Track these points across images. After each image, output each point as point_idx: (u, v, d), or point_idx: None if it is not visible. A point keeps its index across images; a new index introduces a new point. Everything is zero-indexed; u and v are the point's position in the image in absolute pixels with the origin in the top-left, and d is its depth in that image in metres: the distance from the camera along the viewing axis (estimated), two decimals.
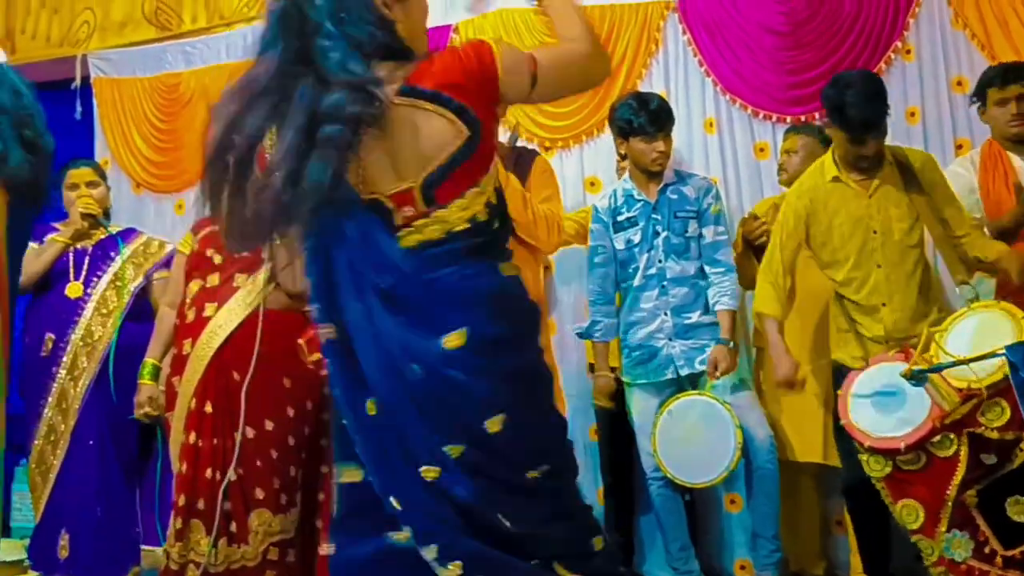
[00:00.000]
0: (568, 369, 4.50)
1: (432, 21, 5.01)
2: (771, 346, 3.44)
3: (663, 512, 3.78)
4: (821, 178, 3.41)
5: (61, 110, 5.66)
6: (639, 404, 3.79)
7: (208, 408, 3.19)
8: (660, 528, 3.86)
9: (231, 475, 3.14)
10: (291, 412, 3.22)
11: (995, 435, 2.70)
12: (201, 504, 3.13)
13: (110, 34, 5.81)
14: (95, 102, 5.65)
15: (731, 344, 3.67)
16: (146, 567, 3.88)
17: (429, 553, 1.83)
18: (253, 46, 1.96)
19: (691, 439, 3.60)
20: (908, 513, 2.83)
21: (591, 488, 4.39)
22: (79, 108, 5.65)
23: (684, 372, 3.72)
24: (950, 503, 2.76)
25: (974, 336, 2.80)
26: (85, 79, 5.68)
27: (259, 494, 3.14)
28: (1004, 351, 2.45)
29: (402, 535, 1.89)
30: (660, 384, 3.75)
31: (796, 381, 3.43)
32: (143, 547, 3.94)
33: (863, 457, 2.91)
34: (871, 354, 3.26)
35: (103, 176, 4.23)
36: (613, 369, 3.89)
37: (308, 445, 3.26)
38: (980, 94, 3.63)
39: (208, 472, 3.15)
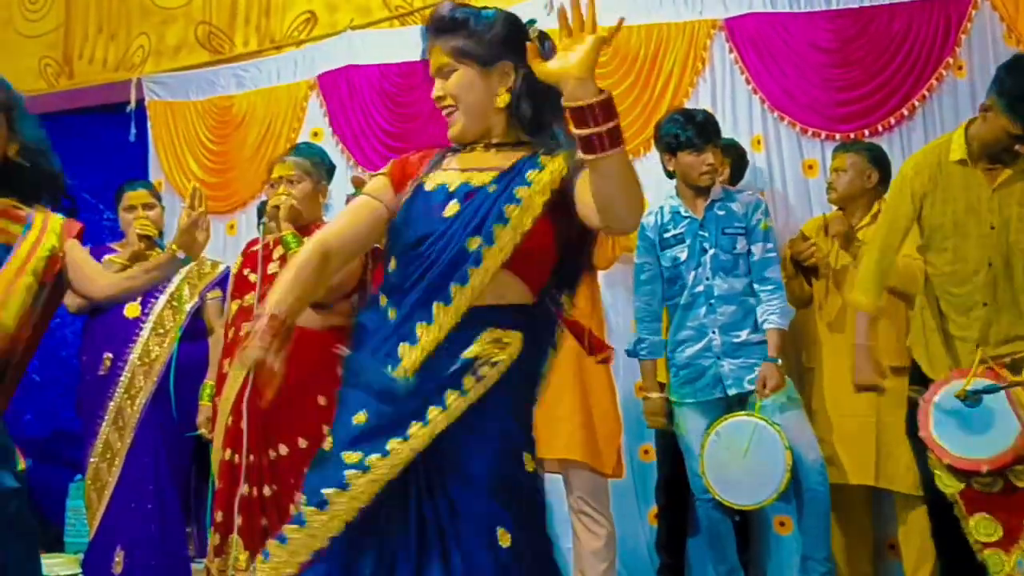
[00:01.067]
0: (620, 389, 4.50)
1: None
2: (857, 347, 3.26)
3: (711, 534, 3.75)
4: (945, 157, 3.18)
5: (116, 133, 5.79)
6: (687, 424, 3.76)
7: (243, 425, 3.24)
8: (709, 550, 3.83)
9: (267, 492, 3.18)
10: (326, 430, 3.24)
11: None
12: (240, 520, 3.18)
13: (164, 58, 5.94)
14: (149, 125, 5.78)
15: (779, 362, 3.63)
16: None
17: None
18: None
19: (740, 461, 3.56)
20: (984, 526, 2.75)
21: (643, 510, 4.38)
22: (133, 131, 5.78)
23: (732, 391, 3.68)
24: None
25: None
26: (140, 102, 5.80)
27: (293, 511, 3.17)
28: None
29: None
30: (708, 404, 3.72)
31: (880, 385, 3.25)
32: (196, 562, 4.00)
33: (937, 472, 2.83)
34: (959, 357, 3.10)
35: (158, 198, 4.32)
36: (663, 386, 3.87)
37: None
38: None
39: (245, 488, 3.20)
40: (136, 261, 4.07)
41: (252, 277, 3.42)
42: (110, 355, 3.98)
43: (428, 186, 2.07)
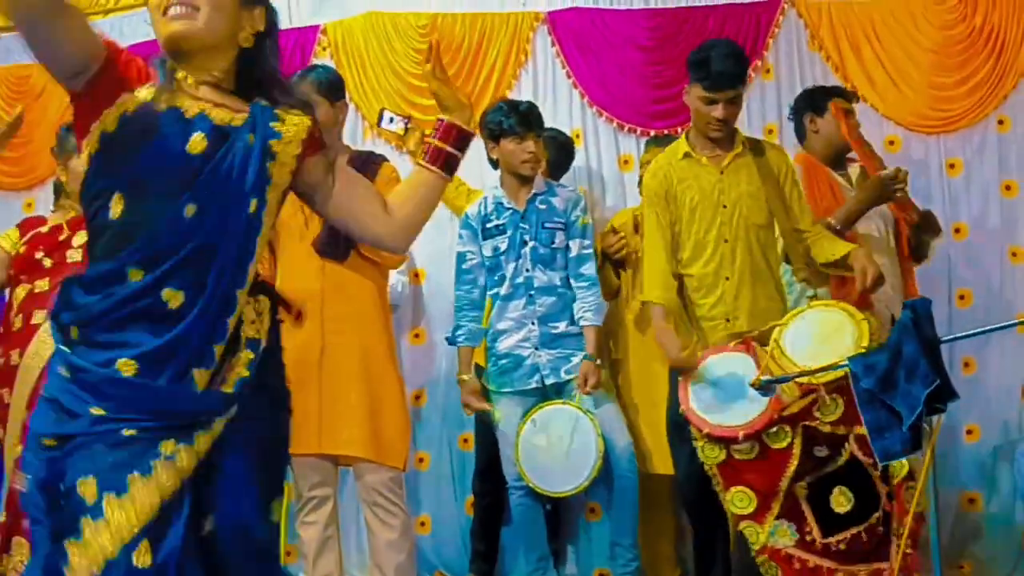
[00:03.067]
0: (435, 378, 4.49)
1: (300, 21, 4.89)
2: (657, 332, 3.35)
3: (522, 522, 3.79)
4: (674, 156, 3.43)
5: None
6: (504, 413, 3.78)
7: None
8: (520, 538, 3.87)
9: None
10: None
11: (827, 428, 2.82)
12: (27, 522, 3.00)
13: None
14: None
15: (598, 361, 3.70)
16: None
17: None
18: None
19: (553, 448, 3.63)
20: (740, 499, 2.91)
21: (460, 499, 4.38)
22: None
23: (550, 381, 3.74)
24: (782, 493, 2.86)
25: (815, 336, 2.88)
26: None
27: None
28: (847, 362, 2.55)
29: None
30: (525, 392, 3.76)
31: (690, 361, 3.27)
32: None
33: (699, 444, 2.98)
34: (707, 337, 3.30)
35: None
36: (481, 370, 3.87)
37: None
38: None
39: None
40: None
41: (47, 262, 3.21)
42: None
43: (160, 105, 1.80)
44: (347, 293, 3.28)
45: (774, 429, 2.86)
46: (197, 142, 1.79)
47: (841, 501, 2.86)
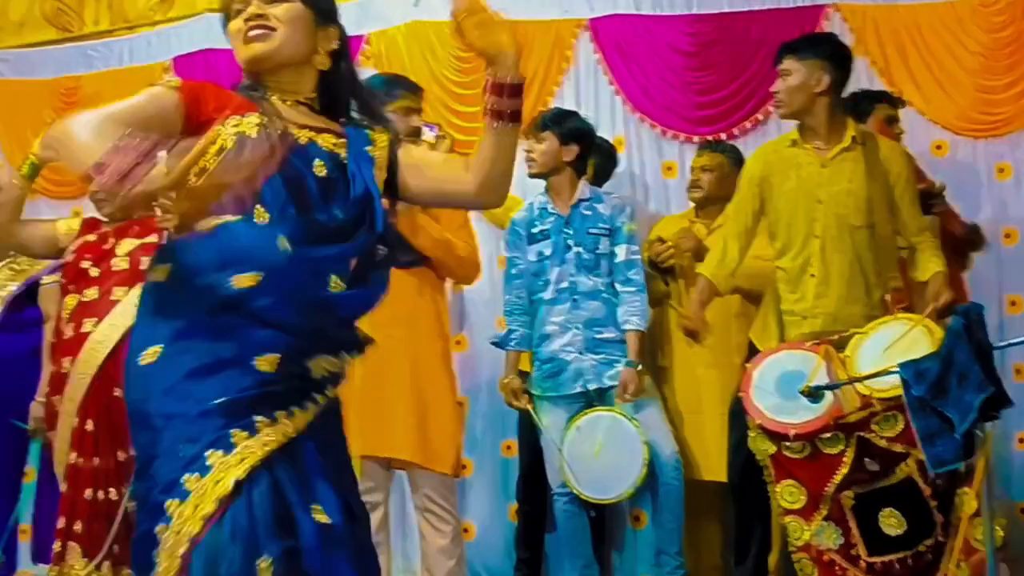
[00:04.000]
0: (477, 385, 4.49)
1: None
2: (692, 300, 3.37)
3: (567, 529, 3.77)
4: (782, 143, 3.35)
5: None
6: (548, 418, 3.78)
7: (89, 426, 3.13)
8: (565, 545, 3.86)
9: (113, 495, 3.06)
10: None
11: (883, 443, 2.79)
12: (79, 526, 3.06)
13: (7, 34, 5.66)
14: None
15: (639, 366, 3.69)
16: None
17: None
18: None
19: (599, 455, 3.61)
20: (790, 493, 2.88)
21: (503, 506, 4.38)
22: None
23: (592, 386, 3.73)
24: (828, 498, 2.83)
25: (890, 347, 2.82)
26: None
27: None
28: (898, 368, 2.52)
29: None
30: (569, 398, 3.76)
31: (699, 333, 3.37)
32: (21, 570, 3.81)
33: (752, 433, 2.95)
34: (787, 331, 3.24)
35: None
36: (526, 375, 3.87)
37: None
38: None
39: (88, 493, 3.09)
40: None
41: (94, 271, 3.26)
42: None
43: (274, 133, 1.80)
44: (400, 295, 3.30)
45: (829, 434, 2.83)
46: (319, 168, 1.84)
47: (892, 523, 2.82)
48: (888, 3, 4.40)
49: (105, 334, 3.14)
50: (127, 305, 3.14)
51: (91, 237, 3.36)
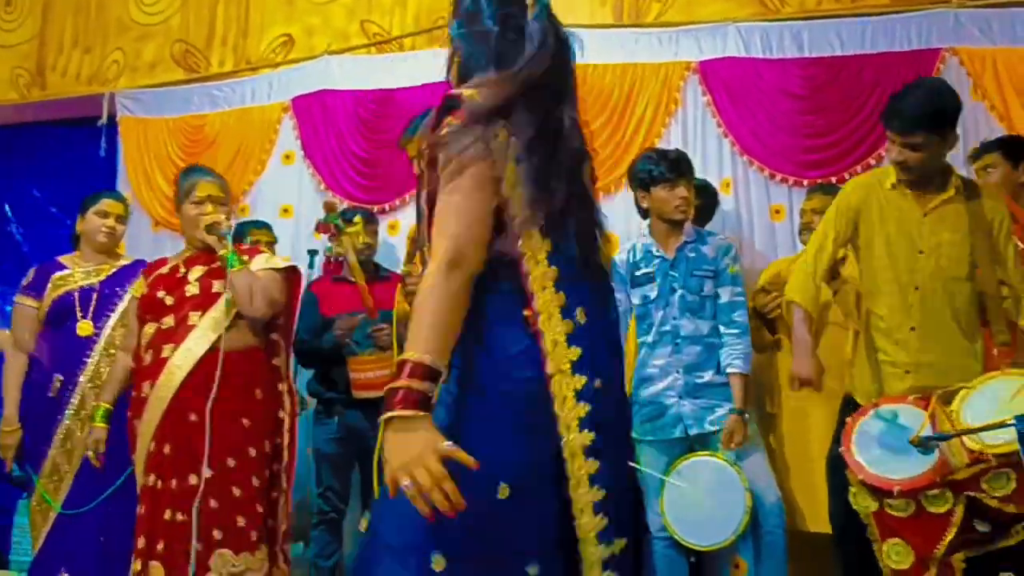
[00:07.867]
0: None
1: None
2: (795, 341, 3.22)
3: (666, 573, 3.73)
4: (882, 180, 3.24)
5: (86, 147, 5.75)
6: (647, 461, 3.75)
7: (167, 449, 3.23)
8: None
9: (181, 517, 3.16)
10: (252, 452, 3.28)
11: (994, 503, 2.63)
12: (160, 546, 3.14)
13: (139, 74, 5.91)
14: (120, 140, 5.73)
15: (745, 415, 3.64)
16: None
17: None
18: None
19: (700, 500, 3.56)
20: (896, 552, 2.75)
21: None
22: (104, 145, 5.74)
23: (693, 432, 3.69)
24: (937, 560, 2.69)
25: (1001, 402, 2.68)
26: (111, 117, 5.77)
27: (216, 535, 3.16)
28: (1014, 421, 2.42)
29: None
30: (669, 442, 3.72)
31: (817, 382, 3.20)
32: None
33: (853, 489, 2.84)
34: (886, 384, 3.13)
35: (126, 212, 4.20)
36: None
37: (271, 484, 3.34)
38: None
39: (167, 514, 3.17)
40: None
41: (168, 300, 3.39)
42: (60, 377, 3.85)
43: None
44: None
45: (934, 492, 2.70)
46: None
47: None
48: (1008, 47, 4.29)
49: (183, 358, 3.27)
50: (201, 330, 3.30)
51: (163, 270, 3.50)
